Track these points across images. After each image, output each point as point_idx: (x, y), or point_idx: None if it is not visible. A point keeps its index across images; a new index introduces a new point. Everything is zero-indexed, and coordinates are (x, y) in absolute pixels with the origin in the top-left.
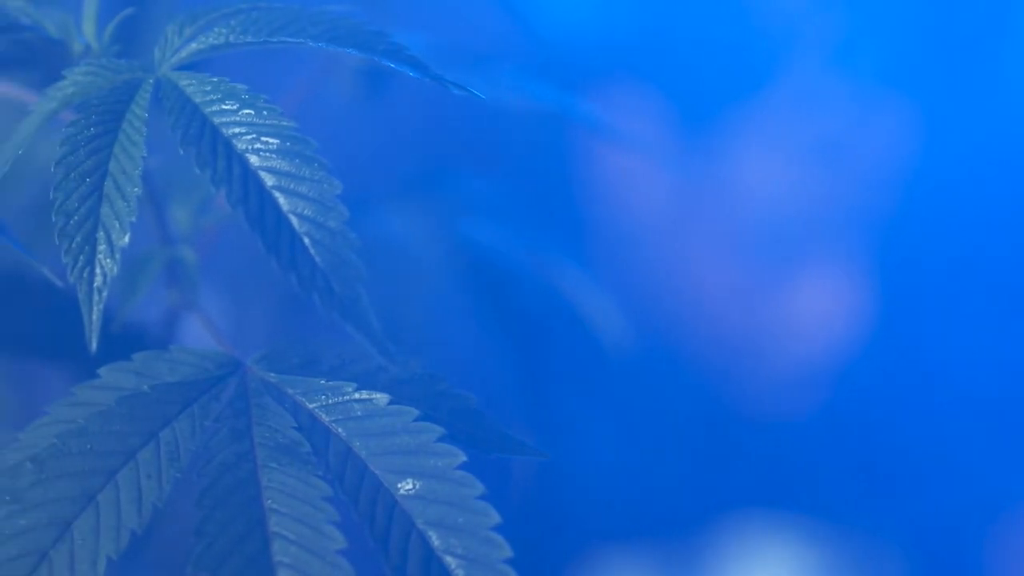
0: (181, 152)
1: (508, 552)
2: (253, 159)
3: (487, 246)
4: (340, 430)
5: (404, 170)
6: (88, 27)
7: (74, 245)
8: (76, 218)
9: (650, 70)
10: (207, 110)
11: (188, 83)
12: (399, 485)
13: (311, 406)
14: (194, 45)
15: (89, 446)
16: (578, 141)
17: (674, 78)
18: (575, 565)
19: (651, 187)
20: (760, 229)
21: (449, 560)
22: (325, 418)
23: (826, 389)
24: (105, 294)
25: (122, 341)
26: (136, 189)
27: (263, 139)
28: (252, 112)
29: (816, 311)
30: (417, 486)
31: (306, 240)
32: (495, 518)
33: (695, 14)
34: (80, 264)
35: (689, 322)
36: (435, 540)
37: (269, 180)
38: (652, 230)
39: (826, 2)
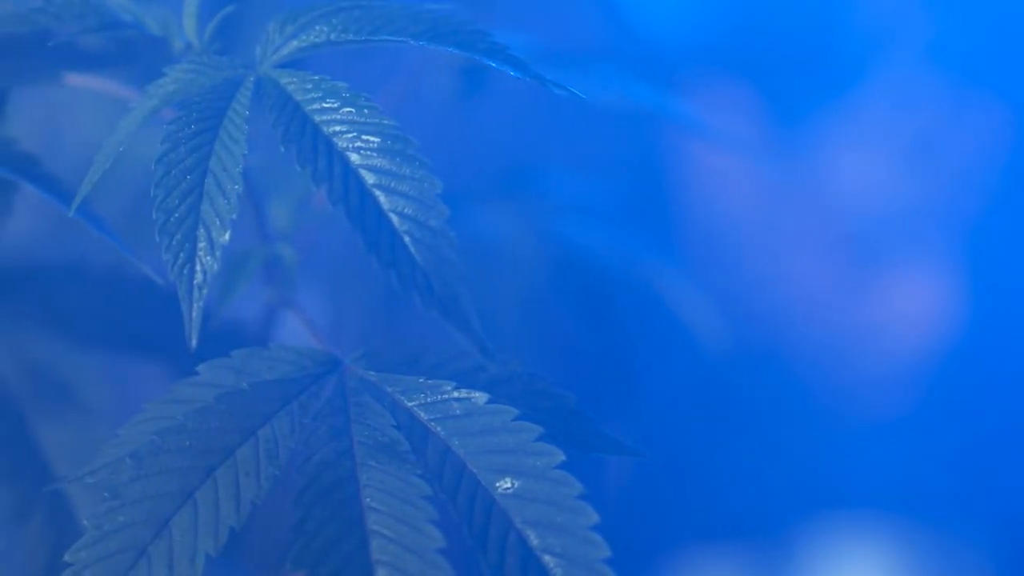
0: (282, 150)
1: (606, 552)
2: (354, 157)
3: (583, 245)
4: (439, 429)
5: (500, 169)
6: (189, 24)
7: (174, 242)
8: (177, 215)
9: (744, 69)
10: (308, 108)
11: (289, 81)
12: (498, 484)
13: (410, 404)
14: (295, 43)
15: (188, 443)
16: (673, 140)
17: (768, 77)
18: (668, 565)
19: (745, 186)
20: (853, 228)
21: (547, 559)
22: (424, 417)
23: (918, 389)
24: (205, 291)
25: (220, 338)
26: (237, 186)
27: (364, 137)
28: (353, 110)
29: (909, 310)
30: (516, 485)
31: (406, 238)
32: (593, 517)
33: (789, 12)
34: (180, 261)
35: (783, 321)
36: (533, 539)
37: (370, 178)
38: (746, 229)
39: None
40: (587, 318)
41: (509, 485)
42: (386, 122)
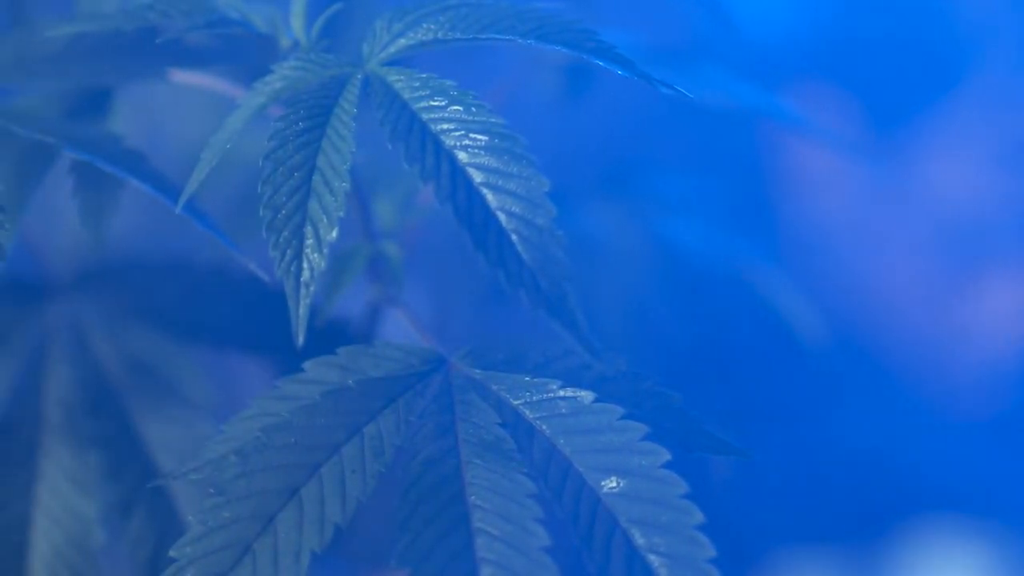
0: (390, 147)
1: (711, 551)
2: (462, 155)
3: (685, 244)
4: (545, 427)
5: (603, 168)
6: (296, 22)
7: (282, 239)
8: (284, 212)
9: (845, 69)
10: (416, 106)
11: (397, 79)
12: (603, 483)
13: (516, 403)
14: (403, 41)
15: (293, 440)
16: (775, 139)
17: (868, 77)
18: (767, 564)
19: (845, 186)
20: (950, 228)
21: (652, 559)
22: (530, 415)
23: (1015, 389)
24: (312, 289)
25: (325, 335)
26: (344, 184)
27: (471, 135)
28: (461, 108)
29: (1006, 310)
30: (621, 484)
31: (514, 237)
32: (698, 517)
33: (889, 13)
34: (288, 258)
35: (882, 321)
36: (638, 538)
37: (477, 176)
38: (845, 228)
39: (1020, 3)
40: (689, 317)
41: (614, 484)
42: (493, 120)
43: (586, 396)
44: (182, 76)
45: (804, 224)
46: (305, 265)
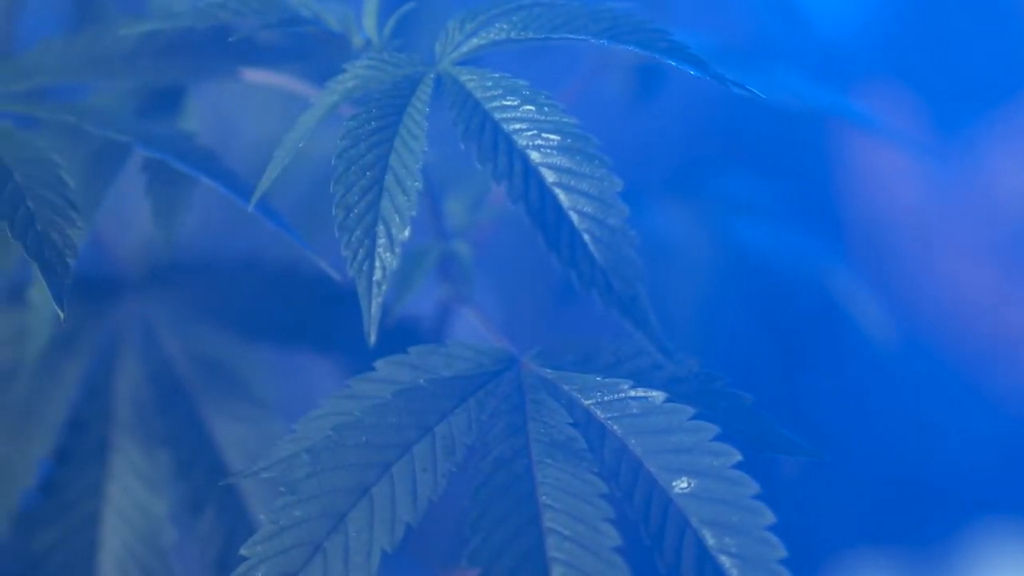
0: (462, 147)
1: (783, 552)
2: (534, 155)
3: (755, 245)
4: (616, 427)
5: (673, 168)
6: (369, 21)
7: (354, 238)
8: (356, 211)
9: (913, 68)
10: (488, 105)
11: (469, 78)
12: (674, 483)
13: (587, 403)
14: (475, 40)
15: (364, 439)
16: (845, 140)
17: (936, 76)
18: (831, 564)
19: (914, 186)
20: (1019, 228)
21: (723, 559)
22: (601, 415)
23: None
24: (385, 288)
25: (396, 334)
26: (417, 183)
27: (544, 135)
28: (533, 108)
29: None
30: (692, 484)
31: (586, 237)
32: (770, 517)
33: (959, 12)
34: (360, 257)
35: (950, 321)
36: (709, 539)
37: (550, 176)
38: (913, 228)
39: None
40: (758, 317)
41: (686, 484)
42: (566, 120)
43: (657, 396)
44: (253, 75)
45: (872, 224)
46: (377, 264)
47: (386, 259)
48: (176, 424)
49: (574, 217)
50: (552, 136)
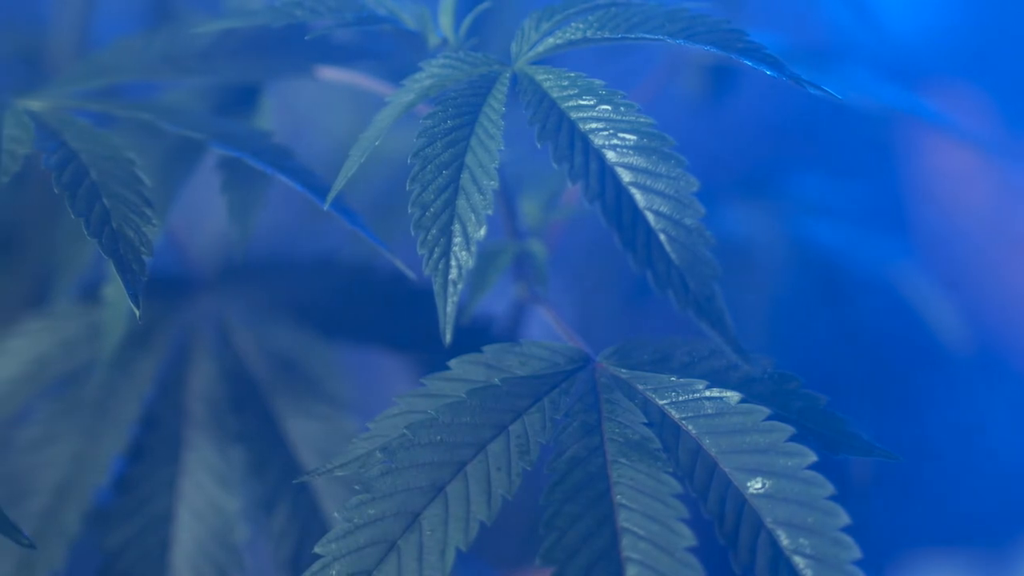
0: (538, 146)
1: (857, 553)
2: (610, 155)
3: (826, 245)
4: (690, 427)
5: (745, 169)
6: (445, 20)
7: (430, 237)
8: (432, 210)
9: (984, 67)
10: (564, 105)
11: (545, 77)
12: (748, 484)
13: (661, 402)
14: (551, 40)
15: (439, 437)
16: (915, 139)
17: (1008, 76)
18: (903, 565)
19: (985, 185)
20: None
21: (797, 560)
22: (675, 415)
23: None
24: (460, 287)
25: (470, 333)
26: (492, 183)
27: (620, 135)
28: (609, 108)
29: None
30: (767, 485)
31: (662, 237)
32: (844, 519)
33: None
34: (436, 256)
35: (1020, 321)
36: (784, 539)
37: (626, 176)
38: (985, 228)
39: None
40: (829, 318)
41: (760, 485)
42: (642, 119)
43: (732, 396)
44: (329, 73)
45: (944, 224)
46: (453, 263)
47: (462, 258)
48: (249, 422)
49: (650, 217)
50: (628, 136)
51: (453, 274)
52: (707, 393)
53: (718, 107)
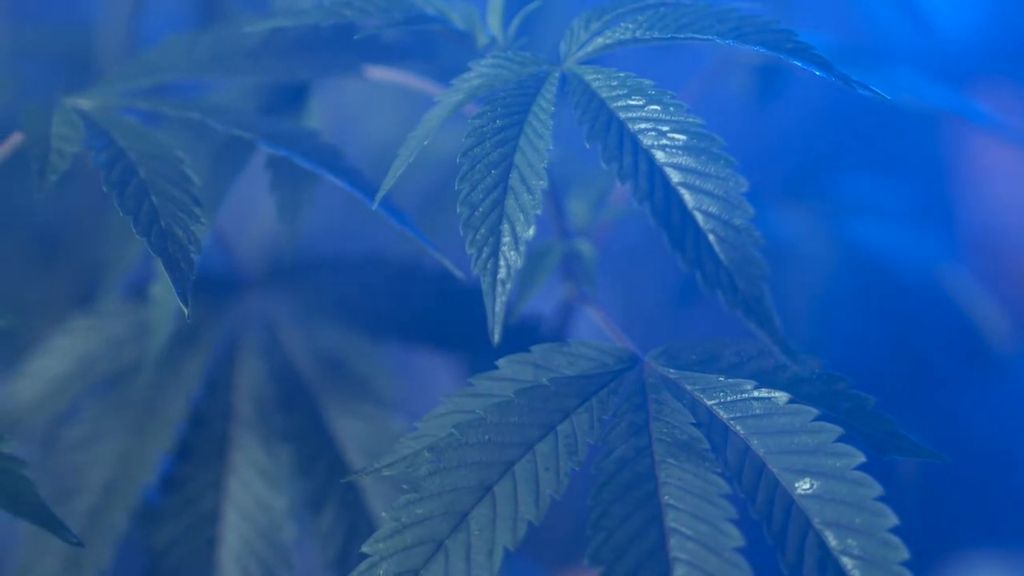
0: (587, 146)
1: (905, 554)
2: (659, 155)
3: (872, 245)
4: (739, 427)
5: (792, 169)
6: (494, 20)
7: (479, 236)
8: (481, 210)
9: None
10: (613, 105)
11: (594, 77)
12: (797, 484)
13: (709, 403)
14: (600, 40)
15: (487, 437)
16: (961, 138)
17: None
18: (949, 566)
19: None
20: None
21: (845, 560)
22: (723, 415)
23: None
24: (509, 286)
25: (517, 333)
26: (541, 182)
27: (669, 135)
28: (659, 108)
29: None
30: (815, 485)
31: (711, 237)
32: (892, 519)
33: None
34: (484, 256)
35: None
36: (832, 540)
37: (675, 176)
38: None
39: None
40: (875, 318)
41: (808, 486)
42: (691, 120)
43: (780, 397)
44: (377, 72)
45: (989, 224)
46: (502, 263)
47: (511, 258)
48: (297, 421)
49: (699, 217)
50: (677, 136)
51: (502, 273)
52: (755, 393)
53: (765, 107)
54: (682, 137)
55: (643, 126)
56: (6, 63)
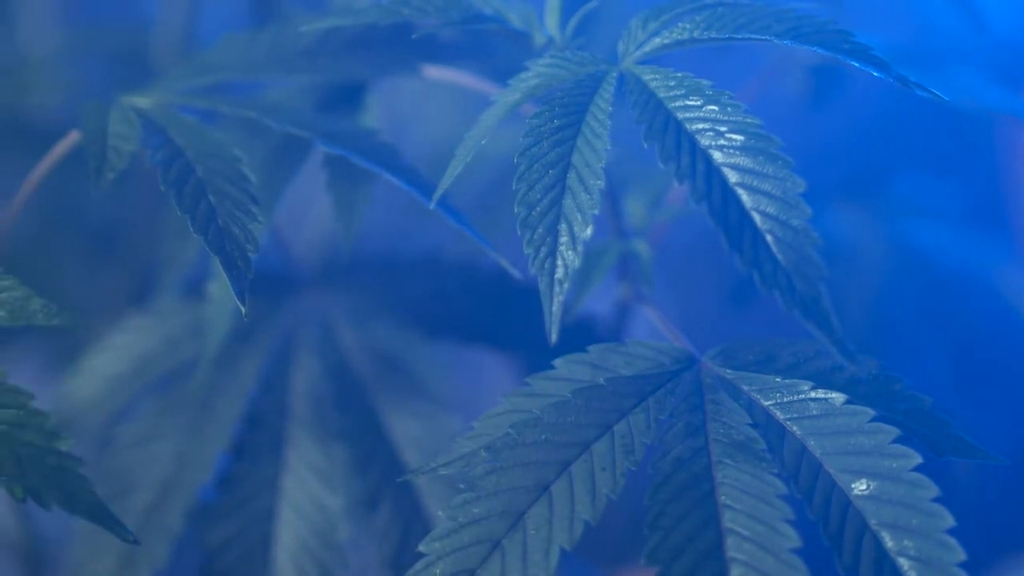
0: (645, 146)
1: (962, 555)
2: (717, 155)
3: (929, 247)
4: (795, 428)
5: (847, 170)
6: (551, 19)
7: (536, 236)
8: (539, 209)
9: None
10: (671, 105)
11: (652, 77)
12: (853, 485)
13: (766, 403)
14: (658, 40)
15: (544, 437)
16: (1020, 140)
17: None
18: (1004, 567)
19: None
20: None
21: (902, 562)
22: (780, 416)
23: None
24: (566, 286)
25: (573, 333)
26: (599, 182)
27: (727, 135)
28: (716, 108)
29: None
30: (871, 487)
31: (768, 238)
32: (949, 521)
33: None
34: (542, 255)
35: None
36: (888, 541)
37: (732, 177)
38: None
39: None
40: (931, 319)
41: (865, 487)
42: (749, 120)
43: (837, 398)
44: (434, 72)
45: None
46: (559, 262)
47: (568, 257)
48: (352, 420)
49: (757, 217)
50: (735, 136)
51: (559, 273)
52: (812, 394)
53: (821, 108)
54: (740, 138)
55: (701, 126)
56: (63, 62)
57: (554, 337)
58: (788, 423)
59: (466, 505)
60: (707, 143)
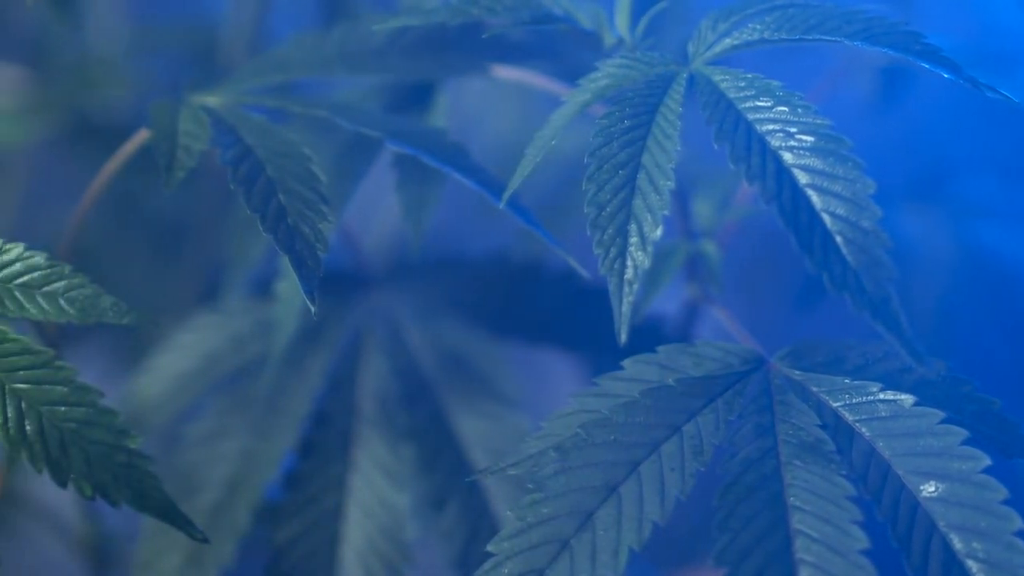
0: (715, 147)
1: None
2: (787, 156)
3: (997, 248)
4: (864, 430)
5: (915, 171)
6: (621, 20)
7: (606, 236)
8: (609, 210)
9: None
10: (741, 106)
11: (722, 78)
12: (922, 487)
13: (835, 405)
14: (728, 40)
15: (613, 437)
16: None
17: None
18: None
19: None
20: None
21: (971, 564)
22: (849, 417)
23: None
24: (636, 287)
25: (641, 333)
26: (669, 183)
27: (797, 136)
28: (787, 109)
29: None
30: (940, 488)
31: (839, 239)
32: (1018, 523)
33: None
34: (611, 256)
35: None
36: (957, 543)
37: (803, 178)
38: None
39: None
40: (999, 321)
41: (934, 488)
42: (819, 121)
43: (906, 399)
44: (503, 72)
45: None
46: (629, 263)
47: (638, 258)
48: (420, 419)
49: (827, 219)
50: (805, 137)
51: (629, 274)
52: (881, 396)
53: (890, 108)
54: (810, 139)
55: (771, 127)
56: (131, 61)
57: (623, 337)
58: (857, 424)
59: (535, 505)
60: (777, 144)
